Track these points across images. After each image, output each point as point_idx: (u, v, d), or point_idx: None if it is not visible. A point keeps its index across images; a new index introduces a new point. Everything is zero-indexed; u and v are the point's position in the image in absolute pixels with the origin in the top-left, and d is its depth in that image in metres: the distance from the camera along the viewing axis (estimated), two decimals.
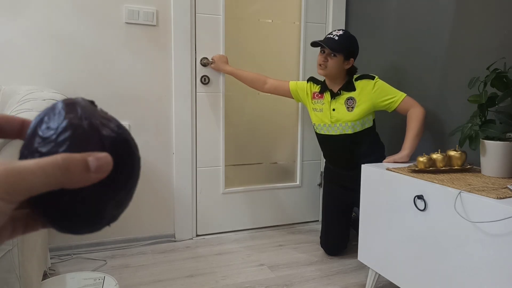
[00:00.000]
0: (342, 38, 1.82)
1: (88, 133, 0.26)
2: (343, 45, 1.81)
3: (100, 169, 0.25)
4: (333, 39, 1.81)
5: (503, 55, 1.50)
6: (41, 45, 1.88)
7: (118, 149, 0.27)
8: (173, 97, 2.13)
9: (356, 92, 1.85)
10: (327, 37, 1.84)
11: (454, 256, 1.22)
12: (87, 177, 0.24)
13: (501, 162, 1.33)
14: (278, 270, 1.88)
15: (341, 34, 1.83)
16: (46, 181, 0.22)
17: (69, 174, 0.23)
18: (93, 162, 0.24)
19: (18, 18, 1.84)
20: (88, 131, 0.26)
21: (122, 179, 0.27)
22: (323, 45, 1.81)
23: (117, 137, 0.27)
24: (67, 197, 0.25)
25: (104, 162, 0.25)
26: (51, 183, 0.23)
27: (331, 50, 1.79)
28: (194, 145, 2.22)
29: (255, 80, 2.10)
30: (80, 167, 0.24)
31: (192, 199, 2.25)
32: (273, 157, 2.46)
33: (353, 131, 1.85)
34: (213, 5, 2.17)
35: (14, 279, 1.12)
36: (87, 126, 0.26)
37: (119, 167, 0.27)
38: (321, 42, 1.81)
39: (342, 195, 2.00)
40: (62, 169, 0.23)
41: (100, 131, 0.26)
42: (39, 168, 0.22)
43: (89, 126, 0.26)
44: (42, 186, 0.22)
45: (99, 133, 0.26)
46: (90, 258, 1.95)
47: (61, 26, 1.90)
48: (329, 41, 1.81)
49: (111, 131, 0.27)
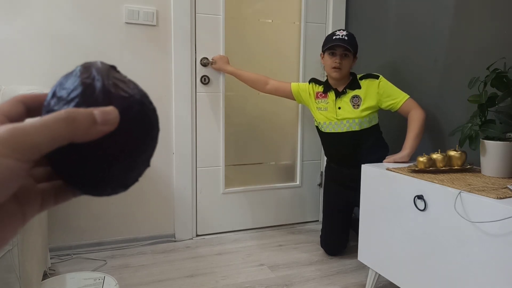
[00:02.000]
0: (350, 37, 1.85)
1: (98, 91, 0.26)
2: (354, 44, 1.87)
3: (107, 121, 0.25)
4: (343, 39, 1.83)
5: (503, 55, 1.50)
6: (41, 45, 1.88)
7: (130, 109, 0.27)
8: (173, 97, 2.13)
9: (361, 90, 1.86)
10: (340, 38, 1.83)
11: (454, 256, 1.22)
12: (94, 129, 0.24)
13: (501, 162, 1.33)
14: (278, 270, 1.88)
15: (347, 33, 1.85)
16: (50, 135, 0.23)
17: (75, 126, 0.24)
18: (99, 115, 0.25)
19: (18, 18, 1.84)
20: (98, 89, 0.26)
21: (133, 140, 0.27)
22: (347, 46, 1.81)
23: (129, 97, 0.27)
24: (77, 155, 0.25)
25: (111, 114, 0.25)
26: (57, 137, 0.23)
27: (351, 49, 1.82)
28: (194, 145, 2.22)
29: (257, 80, 2.10)
30: (86, 119, 0.24)
31: (192, 199, 2.25)
32: (273, 157, 2.46)
33: (360, 128, 1.86)
34: (213, 5, 2.17)
35: (14, 279, 1.12)
36: (99, 85, 0.26)
37: (130, 127, 0.27)
38: (342, 44, 1.81)
39: (343, 194, 2.00)
40: (67, 121, 0.23)
41: (110, 90, 0.26)
42: (43, 123, 0.23)
43: (101, 85, 0.26)
44: (48, 140, 0.23)
45: (110, 91, 0.26)
46: (90, 258, 1.95)
47: (61, 26, 1.90)
48: (345, 42, 1.82)
49: (124, 92, 0.27)
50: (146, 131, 0.28)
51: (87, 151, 0.25)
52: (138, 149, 0.27)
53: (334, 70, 1.85)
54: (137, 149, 0.27)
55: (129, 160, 0.27)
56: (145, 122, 0.28)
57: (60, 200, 0.29)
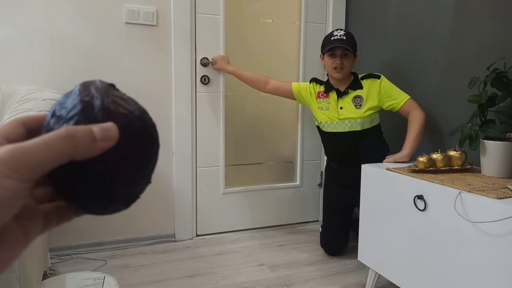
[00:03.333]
0: (348, 36, 1.85)
1: (98, 109, 0.26)
2: (353, 43, 1.86)
3: (107, 137, 0.25)
4: (342, 39, 1.82)
5: (503, 55, 1.50)
6: (41, 45, 1.88)
7: (130, 125, 0.27)
8: (173, 97, 2.13)
9: (363, 90, 1.87)
10: (338, 39, 1.83)
11: (454, 256, 1.22)
12: (95, 145, 0.24)
13: (501, 162, 1.33)
14: (278, 270, 1.87)
15: (345, 33, 1.85)
16: (51, 153, 0.23)
17: (75, 144, 0.24)
18: (99, 131, 0.25)
19: (18, 18, 1.84)
20: (97, 107, 0.26)
21: (134, 155, 0.27)
22: (346, 46, 1.81)
23: (129, 114, 0.27)
24: (79, 172, 0.25)
25: (110, 130, 0.25)
26: (57, 155, 0.23)
27: (351, 49, 1.82)
28: (194, 145, 2.22)
29: (257, 80, 2.10)
30: (86, 135, 0.24)
31: (192, 199, 2.25)
32: (273, 157, 2.46)
33: (361, 128, 1.86)
34: (213, 5, 2.17)
35: (14, 279, 1.12)
36: (98, 102, 0.26)
37: (131, 143, 0.27)
38: (341, 44, 1.81)
39: (343, 194, 2.00)
40: (66, 139, 0.23)
41: (110, 107, 0.27)
42: (43, 142, 0.23)
43: (100, 103, 0.26)
44: (49, 158, 0.23)
45: (109, 108, 0.27)
46: (90, 258, 1.95)
47: (61, 26, 1.90)
48: (344, 43, 1.82)
49: (123, 108, 0.27)
50: (146, 146, 0.28)
51: (88, 168, 0.25)
52: (139, 164, 0.28)
53: (336, 70, 1.85)
54: (138, 165, 0.28)
55: (131, 175, 0.27)
56: (145, 137, 0.28)
57: (63, 220, 0.29)
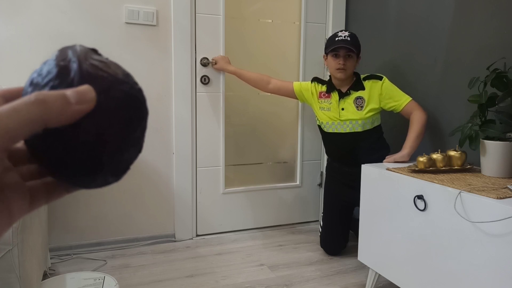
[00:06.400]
0: (352, 38, 1.84)
1: (74, 73, 0.25)
2: (357, 44, 1.86)
3: (82, 100, 0.23)
4: (346, 40, 1.82)
5: (503, 55, 1.50)
6: (41, 45, 1.88)
7: (111, 89, 0.25)
8: (173, 97, 2.13)
9: (365, 91, 1.86)
10: (342, 40, 1.82)
11: (454, 256, 1.22)
12: (69, 109, 0.23)
13: (501, 162, 1.33)
14: (278, 270, 1.87)
15: (349, 34, 1.85)
16: (20, 119, 0.21)
17: (46, 108, 0.22)
18: (73, 94, 0.23)
19: (18, 18, 1.84)
20: (74, 71, 0.25)
21: (117, 120, 0.26)
22: (350, 47, 1.80)
23: (110, 77, 0.26)
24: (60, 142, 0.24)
25: (86, 93, 0.24)
26: (28, 121, 0.22)
27: (355, 50, 1.82)
28: (194, 145, 2.22)
29: (259, 80, 2.10)
30: (57, 99, 0.23)
31: (192, 199, 2.25)
32: (273, 157, 2.46)
33: (362, 129, 1.86)
34: (213, 5, 2.17)
35: (14, 279, 1.12)
36: (75, 66, 0.25)
37: (113, 107, 0.25)
38: (345, 45, 1.80)
39: (344, 193, 2.00)
40: (35, 104, 0.22)
41: (88, 71, 0.25)
42: (11, 108, 0.21)
43: (77, 66, 0.25)
44: (19, 125, 0.21)
45: (88, 72, 0.25)
46: (90, 258, 1.95)
47: (61, 26, 1.90)
48: (348, 43, 1.81)
49: (103, 72, 0.25)
50: (132, 111, 0.27)
51: (68, 136, 0.24)
52: (125, 130, 0.26)
53: (339, 71, 1.85)
54: (123, 131, 0.26)
55: (116, 142, 0.26)
56: (130, 101, 0.26)
57: (53, 197, 0.28)
